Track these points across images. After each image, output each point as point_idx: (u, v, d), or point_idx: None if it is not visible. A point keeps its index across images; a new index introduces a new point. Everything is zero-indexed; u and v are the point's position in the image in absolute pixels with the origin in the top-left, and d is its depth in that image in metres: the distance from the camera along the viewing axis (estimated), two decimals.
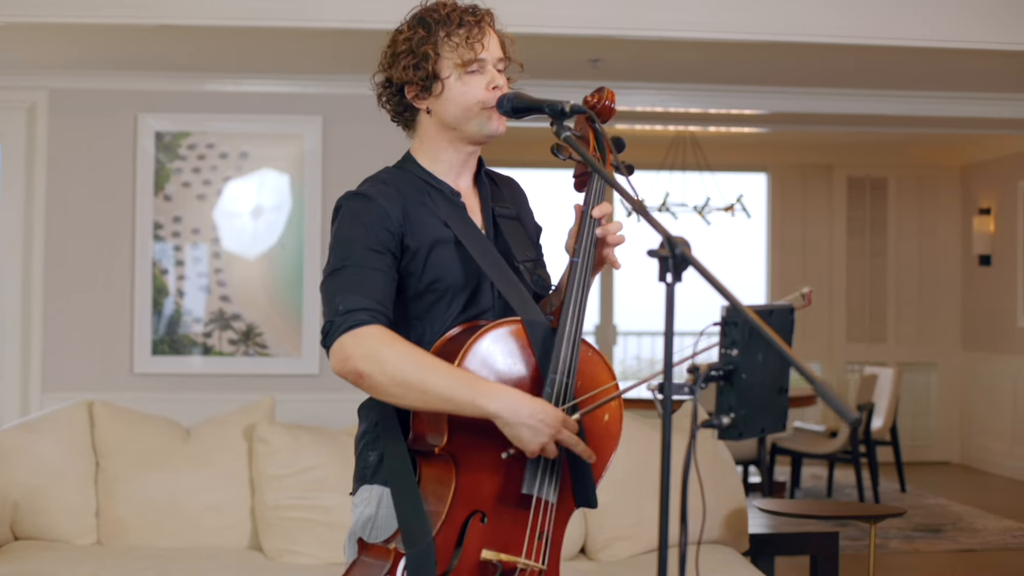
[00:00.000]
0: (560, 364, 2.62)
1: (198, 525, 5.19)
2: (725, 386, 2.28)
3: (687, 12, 5.60)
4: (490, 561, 2.59)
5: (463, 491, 2.58)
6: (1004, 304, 11.67)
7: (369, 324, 2.55)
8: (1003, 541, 8.48)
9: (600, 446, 2.73)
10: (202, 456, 5.28)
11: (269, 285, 6.29)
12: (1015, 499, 10.35)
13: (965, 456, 12.38)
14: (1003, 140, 11.37)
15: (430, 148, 2.83)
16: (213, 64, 6.19)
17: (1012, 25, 5.74)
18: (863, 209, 12.58)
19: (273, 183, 6.32)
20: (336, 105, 6.37)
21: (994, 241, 11.96)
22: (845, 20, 5.67)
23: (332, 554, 5.09)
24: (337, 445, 5.27)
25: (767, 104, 7.20)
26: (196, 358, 6.25)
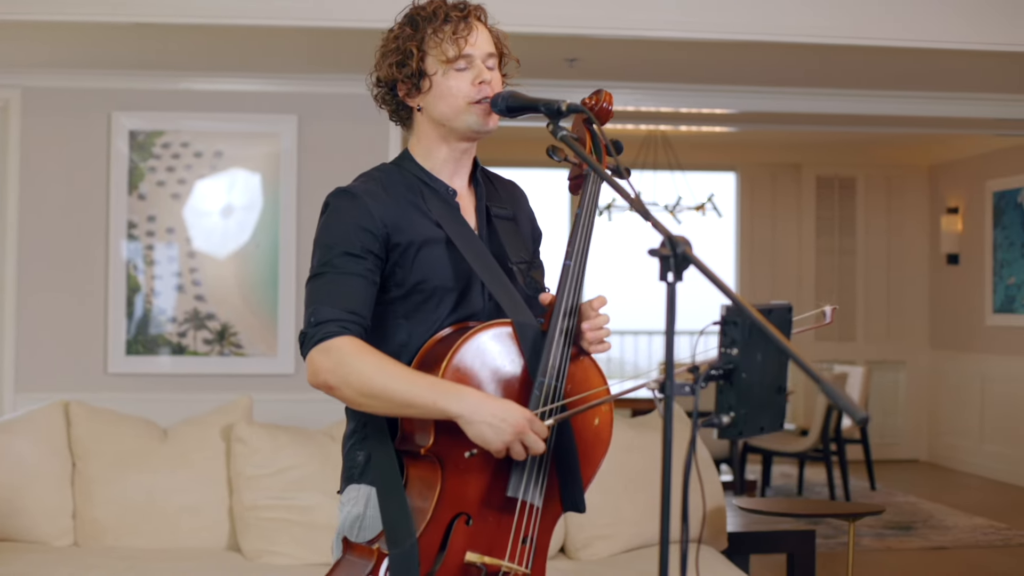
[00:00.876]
0: (549, 367, 2.60)
1: (176, 526, 5.15)
2: (725, 385, 2.28)
3: (665, 11, 5.60)
4: (474, 563, 2.58)
5: (448, 493, 2.57)
6: (972, 303, 11.74)
7: (338, 336, 2.56)
8: (974, 539, 8.53)
9: (590, 451, 2.73)
10: (180, 456, 5.25)
11: (244, 285, 6.26)
12: (984, 497, 10.42)
13: (933, 454, 12.45)
14: (971, 140, 11.44)
15: (425, 146, 2.82)
16: (188, 62, 6.15)
17: (979, 25, 5.77)
18: (832, 208, 12.63)
19: (245, 182, 6.29)
20: (311, 104, 6.35)
21: (962, 240, 12.03)
22: (821, 20, 5.68)
23: (311, 554, 5.07)
24: (315, 445, 5.26)
25: (736, 103, 7.21)
26: (170, 358, 6.21)
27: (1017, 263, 11.03)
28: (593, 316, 2.72)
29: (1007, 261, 11.19)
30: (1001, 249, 11.29)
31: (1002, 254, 11.28)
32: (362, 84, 6.36)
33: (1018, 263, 11.01)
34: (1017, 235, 11.03)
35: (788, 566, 5.84)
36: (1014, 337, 11.11)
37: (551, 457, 2.64)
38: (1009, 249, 11.15)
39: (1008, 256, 11.17)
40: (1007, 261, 11.19)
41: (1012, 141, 10.97)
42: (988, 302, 11.48)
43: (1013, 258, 11.09)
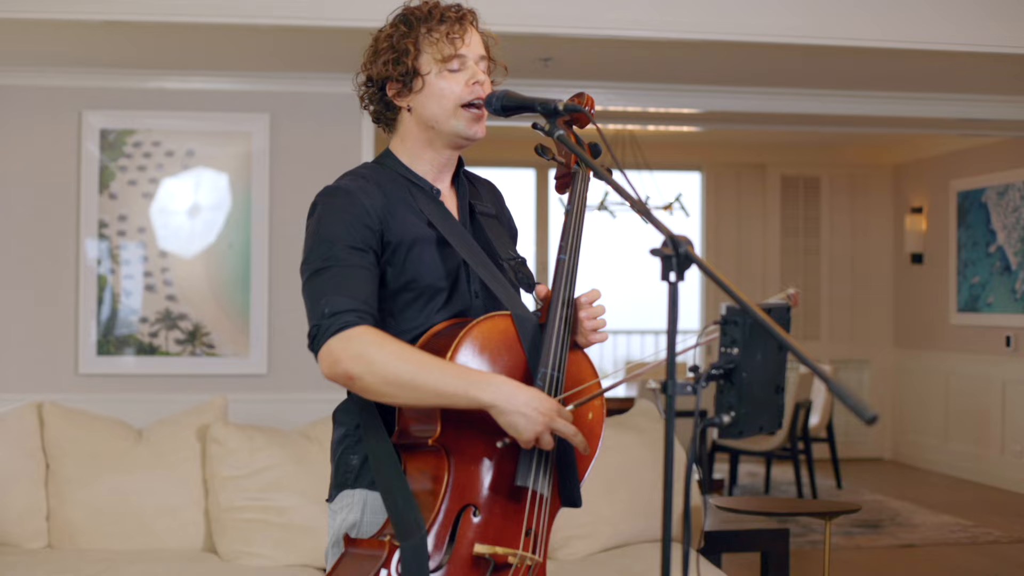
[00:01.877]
0: (551, 358, 2.60)
1: (151, 527, 5.12)
2: (726, 384, 2.28)
3: (639, 11, 5.60)
4: (483, 555, 2.57)
5: (457, 484, 2.56)
6: (936, 302, 11.82)
7: (356, 325, 2.53)
8: (942, 536, 8.58)
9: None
10: (155, 457, 5.21)
11: (216, 285, 6.22)
12: (949, 494, 10.48)
13: (897, 452, 12.51)
14: (935, 140, 11.52)
15: (411, 147, 2.80)
16: (160, 61, 6.11)
17: (943, 25, 5.80)
18: (796, 208, 12.68)
19: (213, 181, 6.24)
20: (284, 102, 6.32)
21: (926, 239, 12.10)
22: (787, 20, 5.69)
23: (288, 555, 5.05)
24: (292, 446, 5.23)
25: (702, 103, 7.22)
26: (142, 358, 6.16)
27: (981, 262, 11.10)
28: (588, 307, 2.73)
29: (971, 260, 11.27)
30: (965, 248, 11.37)
31: (966, 253, 11.36)
32: (336, 83, 6.38)
33: (982, 262, 11.09)
34: (981, 235, 11.10)
35: (762, 565, 5.85)
36: (978, 336, 11.18)
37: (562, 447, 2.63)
38: (973, 249, 11.22)
39: (972, 255, 11.24)
40: (971, 260, 11.27)
41: (976, 141, 11.05)
42: (952, 301, 11.55)
43: (977, 257, 11.16)
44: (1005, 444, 10.77)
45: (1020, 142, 10.41)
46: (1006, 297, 10.76)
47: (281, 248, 6.25)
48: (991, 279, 10.97)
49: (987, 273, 11.03)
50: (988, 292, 11.02)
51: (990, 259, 10.98)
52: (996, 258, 10.88)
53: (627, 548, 5.21)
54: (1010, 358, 10.69)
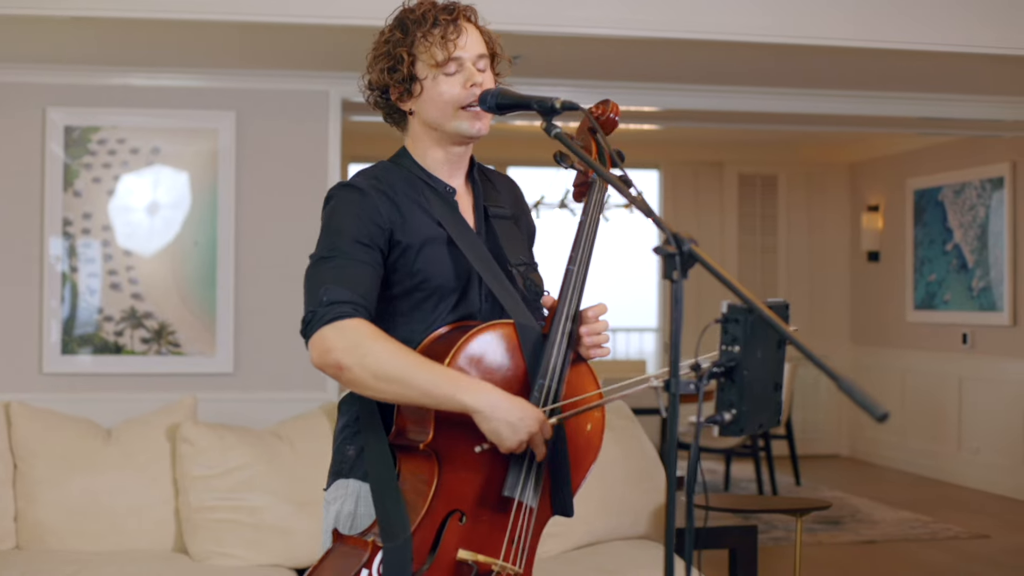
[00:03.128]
0: (549, 369, 2.60)
1: (121, 528, 5.08)
2: (727, 382, 2.28)
3: (611, 9, 5.60)
4: (466, 561, 2.57)
5: (444, 489, 2.56)
6: (892, 299, 11.90)
7: (352, 317, 2.53)
8: (902, 532, 8.64)
9: (581, 456, 2.74)
10: (124, 457, 5.17)
11: (181, 283, 6.17)
12: (906, 490, 10.55)
13: (854, 449, 12.59)
14: (891, 138, 11.59)
15: (420, 148, 2.82)
16: (125, 57, 6.05)
17: (900, 24, 5.81)
18: (754, 206, 12.73)
19: (177, 179, 6.19)
20: (250, 100, 6.28)
21: (882, 237, 12.19)
22: (746, 18, 5.69)
23: (260, 555, 5.03)
24: (263, 445, 5.20)
25: (661, 101, 7.23)
26: (107, 357, 6.11)
27: (938, 260, 11.19)
28: (592, 322, 2.72)
29: (928, 258, 11.35)
30: (922, 246, 11.45)
31: (923, 251, 11.44)
32: (303, 80, 6.36)
33: (939, 260, 11.17)
34: (938, 233, 11.19)
35: (730, 562, 5.87)
36: (934, 333, 11.27)
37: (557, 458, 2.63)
38: (930, 247, 11.31)
39: (929, 253, 11.33)
40: (928, 258, 11.35)
41: (933, 140, 11.13)
42: (909, 299, 11.64)
43: (934, 255, 11.24)
44: (962, 441, 10.86)
45: (977, 141, 10.50)
46: (963, 295, 10.84)
47: (247, 246, 6.21)
48: (948, 277, 11.06)
49: (944, 271, 11.11)
50: (945, 290, 11.10)
51: (947, 257, 11.06)
52: (953, 256, 10.97)
53: (600, 546, 5.21)
54: (967, 355, 10.78)
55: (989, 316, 10.49)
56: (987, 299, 10.52)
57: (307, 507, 5.12)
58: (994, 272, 10.42)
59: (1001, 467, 10.33)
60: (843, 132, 10.81)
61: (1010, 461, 10.20)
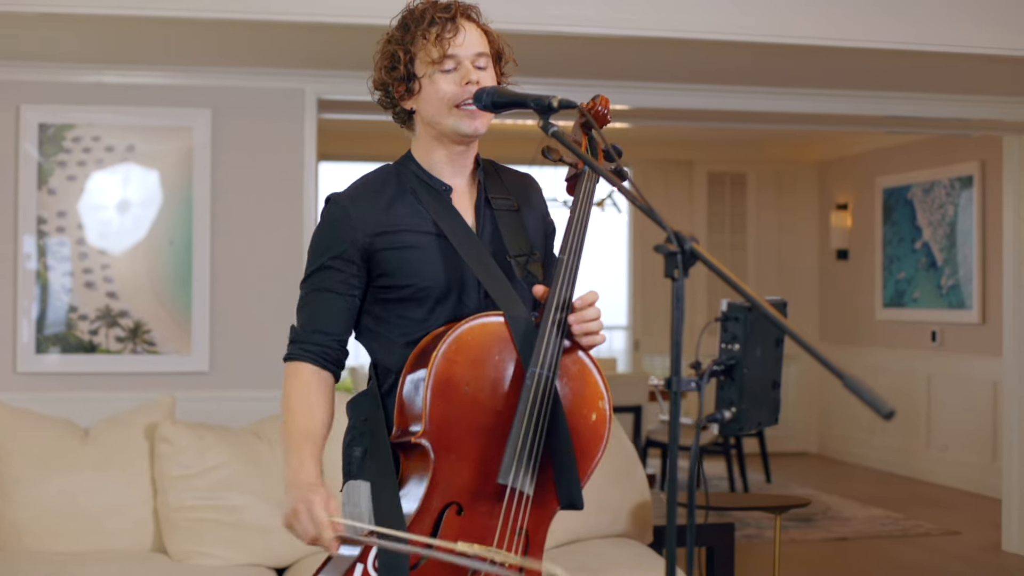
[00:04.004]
0: (540, 358, 2.61)
1: (99, 528, 5.05)
2: (727, 381, 2.29)
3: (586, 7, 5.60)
4: (464, 554, 2.55)
5: (439, 481, 2.58)
6: (861, 297, 11.96)
7: (296, 361, 2.75)
8: (874, 529, 8.68)
9: (586, 445, 2.74)
10: (102, 457, 5.14)
11: (157, 282, 6.13)
12: (876, 488, 10.61)
13: (823, 447, 12.65)
14: (860, 137, 11.65)
15: (423, 147, 2.84)
16: (100, 55, 6.00)
17: (867, 23, 5.82)
18: (723, 204, 12.77)
19: (153, 176, 6.15)
20: (226, 97, 6.24)
21: (851, 236, 12.25)
22: (715, 17, 5.69)
23: (240, 555, 5.01)
24: (242, 444, 5.19)
25: (631, 99, 7.22)
26: (82, 356, 6.06)
27: (907, 258, 11.25)
28: (581, 311, 2.72)
29: (897, 256, 11.41)
30: (891, 245, 11.51)
31: (892, 249, 11.50)
32: (279, 78, 6.34)
33: (908, 258, 11.23)
34: (907, 231, 11.25)
35: (707, 559, 5.89)
36: (903, 331, 11.33)
37: (544, 445, 2.63)
38: (899, 245, 11.37)
39: (898, 252, 11.39)
40: (897, 256, 11.41)
41: (901, 139, 11.19)
42: (878, 297, 11.70)
43: (903, 253, 11.30)
44: (931, 438, 10.92)
45: (946, 140, 10.56)
46: (932, 293, 10.90)
47: (223, 244, 6.18)
48: (917, 275, 11.12)
49: (913, 269, 11.17)
50: (914, 288, 11.16)
51: (916, 255, 11.12)
52: (922, 254, 11.03)
53: (580, 544, 5.22)
54: (936, 353, 10.84)
55: (958, 314, 10.56)
56: (956, 297, 10.58)
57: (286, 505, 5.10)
58: (963, 270, 10.48)
59: (970, 464, 10.40)
60: (812, 131, 10.85)
61: (979, 458, 10.27)
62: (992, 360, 9.87)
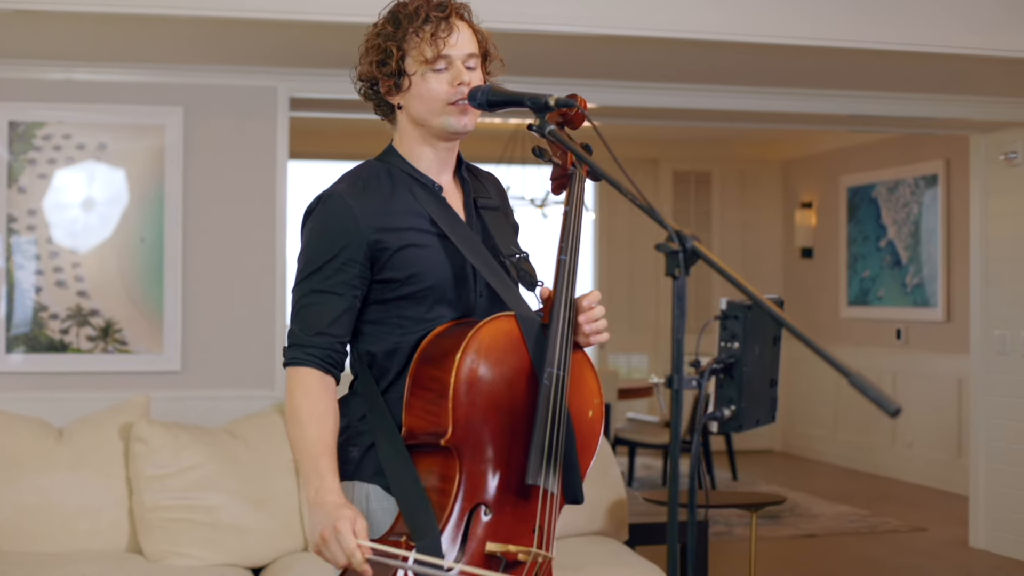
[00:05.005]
0: (556, 358, 2.62)
1: (73, 529, 5.02)
2: (726, 379, 2.30)
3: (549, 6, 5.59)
4: (495, 553, 2.58)
5: (468, 484, 2.57)
6: (826, 296, 12.02)
7: (299, 366, 2.67)
8: (842, 526, 8.73)
9: (586, 442, 2.76)
10: (76, 457, 5.11)
11: (128, 280, 6.09)
12: (842, 485, 10.67)
13: (787, 444, 12.71)
14: (824, 136, 11.71)
15: (408, 143, 2.81)
16: (70, 52, 5.95)
17: (830, 22, 5.84)
18: (688, 202, 12.81)
19: (118, 174, 6.11)
20: (198, 95, 6.21)
21: (816, 234, 12.31)
22: (681, 15, 5.68)
23: (216, 555, 4.99)
24: (218, 444, 5.17)
25: (596, 98, 7.22)
26: (52, 356, 6.01)
27: (871, 257, 11.31)
28: (589, 309, 2.75)
29: (861, 255, 11.47)
30: (855, 243, 11.57)
31: (856, 248, 11.56)
32: (251, 75, 6.31)
33: (872, 257, 11.30)
34: (871, 230, 11.31)
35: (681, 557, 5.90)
36: (868, 329, 11.39)
37: (563, 444, 2.64)
38: (864, 243, 11.43)
39: (863, 250, 11.45)
40: (861, 255, 11.47)
41: (866, 137, 11.25)
42: (843, 295, 11.76)
43: (867, 252, 11.37)
44: (896, 435, 10.99)
45: (911, 138, 10.62)
46: (896, 291, 10.97)
47: (195, 243, 6.14)
48: (881, 273, 11.19)
49: (877, 267, 11.24)
50: (879, 286, 11.23)
51: (880, 253, 11.19)
52: (886, 252, 11.09)
53: (558, 542, 5.17)
54: (900, 351, 10.91)
55: (923, 312, 10.63)
56: (921, 295, 10.65)
57: (263, 506, 5.09)
58: (927, 269, 10.55)
59: (935, 461, 10.47)
60: (777, 130, 10.89)
61: (944, 455, 10.34)
62: (957, 357, 9.95)
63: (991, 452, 7.90)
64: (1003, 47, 6.06)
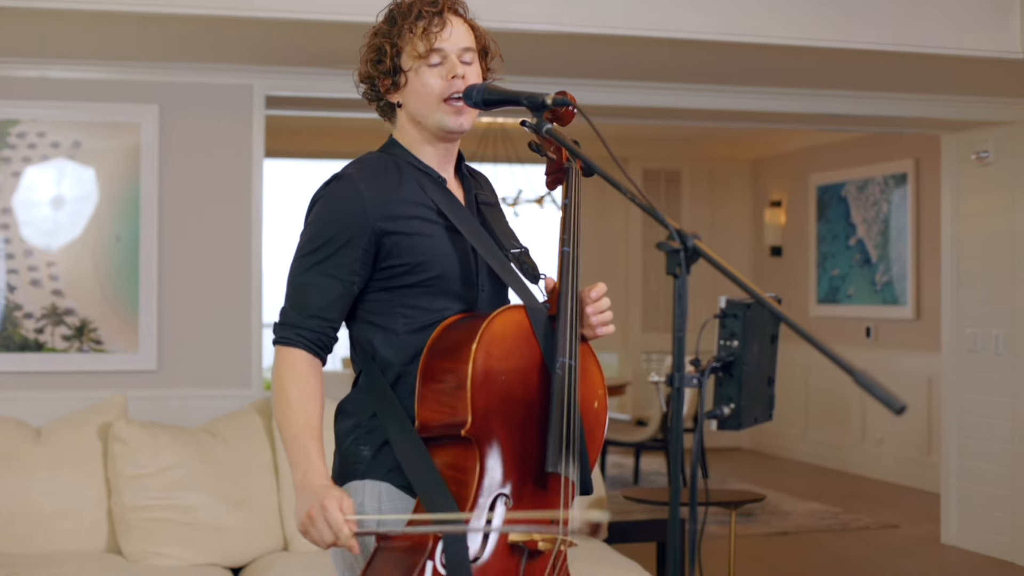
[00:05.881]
0: (567, 349, 2.63)
1: (52, 529, 4.99)
2: (725, 377, 2.30)
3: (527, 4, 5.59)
4: (517, 543, 2.59)
5: (488, 475, 2.58)
6: (795, 294, 12.06)
7: (289, 345, 2.66)
8: (814, 523, 8.76)
9: (594, 432, 2.78)
10: (55, 457, 5.08)
11: (104, 279, 6.05)
12: (812, 482, 10.71)
13: (756, 442, 12.75)
14: (794, 134, 11.75)
15: (409, 141, 2.81)
16: (44, 49, 5.91)
17: (801, 21, 5.85)
18: (658, 201, 12.83)
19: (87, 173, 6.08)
20: (174, 93, 6.18)
21: (785, 233, 12.35)
22: (647, 15, 5.69)
23: (196, 555, 4.98)
24: (197, 444, 5.15)
25: None
26: (27, 355, 5.98)
27: (841, 255, 11.37)
28: (595, 301, 2.79)
29: (831, 253, 11.53)
30: (825, 241, 11.63)
31: (826, 246, 11.62)
32: (227, 73, 6.28)
33: (842, 255, 11.35)
34: (841, 228, 11.37)
35: (658, 554, 5.93)
36: (837, 327, 11.44)
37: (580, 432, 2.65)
38: (833, 242, 11.48)
39: (832, 248, 11.50)
40: (831, 253, 11.53)
41: (835, 136, 11.30)
42: (812, 293, 11.81)
43: (837, 250, 11.42)
44: (866, 433, 11.04)
45: (880, 137, 10.68)
46: (866, 289, 11.03)
47: (171, 241, 6.11)
48: (851, 271, 11.24)
49: (847, 266, 11.29)
50: (848, 284, 11.28)
51: (850, 252, 11.25)
52: (856, 251, 11.15)
53: None
54: (870, 349, 10.97)
55: (893, 310, 10.69)
56: (890, 293, 10.71)
57: (242, 505, 5.08)
58: (897, 267, 10.61)
59: (905, 458, 10.52)
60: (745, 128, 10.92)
61: (914, 452, 10.40)
62: (926, 355, 10.01)
63: (963, 449, 7.94)
64: (975, 47, 6.10)
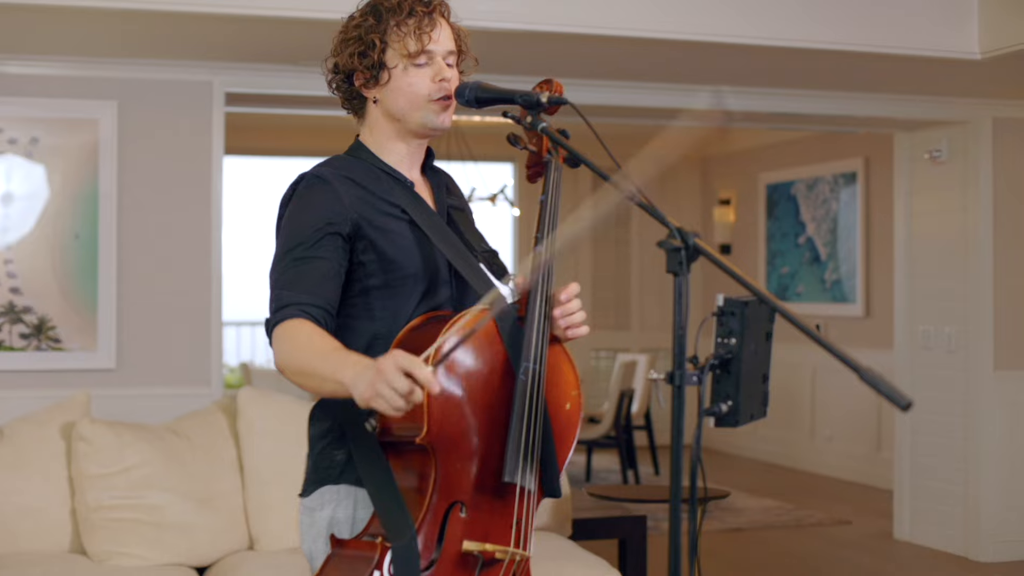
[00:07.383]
0: (532, 352, 2.59)
1: (14, 530, 4.94)
2: (723, 374, 2.32)
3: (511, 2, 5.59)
4: (472, 552, 2.55)
5: (444, 482, 2.53)
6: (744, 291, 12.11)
7: (293, 318, 2.51)
8: (768, 520, 8.82)
9: (563, 434, 2.74)
10: (17, 457, 5.03)
11: (62, 277, 5.99)
12: (763, 479, 10.78)
13: (705, 439, 12.76)
14: (742, 133, 11.81)
15: (378, 138, 2.78)
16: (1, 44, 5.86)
17: (751, 19, 5.88)
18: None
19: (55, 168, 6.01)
20: (132, 89, 6.13)
21: (735, 231, 12.42)
22: (599, 12, 5.69)
23: (161, 555, 4.94)
24: (161, 442, 5.11)
25: None
26: None
27: (790, 253, 11.44)
28: (566, 303, 2.73)
29: (780, 251, 11.60)
30: (774, 240, 11.70)
31: (775, 244, 11.70)
32: (187, 70, 6.23)
33: (791, 253, 11.43)
34: (790, 226, 11.44)
35: (620, 551, 5.94)
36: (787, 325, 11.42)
37: (540, 439, 2.61)
38: (782, 240, 11.56)
39: (781, 246, 11.58)
40: (780, 251, 11.60)
41: (785, 135, 11.38)
42: None
43: (786, 248, 11.50)
44: (815, 429, 11.13)
45: (829, 136, 10.76)
46: (816, 287, 11.11)
47: (130, 238, 6.06)
48: (800, 269, 11.32)
49: (796, 264, 11.37)
50: (798, 282, 11.36)
51: (799, 250, 11.33)
52: (805, 249, 11.23)
53: None
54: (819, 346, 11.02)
55: (842, 308, 10.77)
56: (839, 291, 10.80)
57: (208, 504, 5.05)
58: (846, 265, 10.69)
59: (854, 455, 10.62)
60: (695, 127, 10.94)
61: (863, 449, 10.49)
62: (876, 352, 10.08)
63: (916, 445, 8.02)
64: (934, 47, 6.16)
